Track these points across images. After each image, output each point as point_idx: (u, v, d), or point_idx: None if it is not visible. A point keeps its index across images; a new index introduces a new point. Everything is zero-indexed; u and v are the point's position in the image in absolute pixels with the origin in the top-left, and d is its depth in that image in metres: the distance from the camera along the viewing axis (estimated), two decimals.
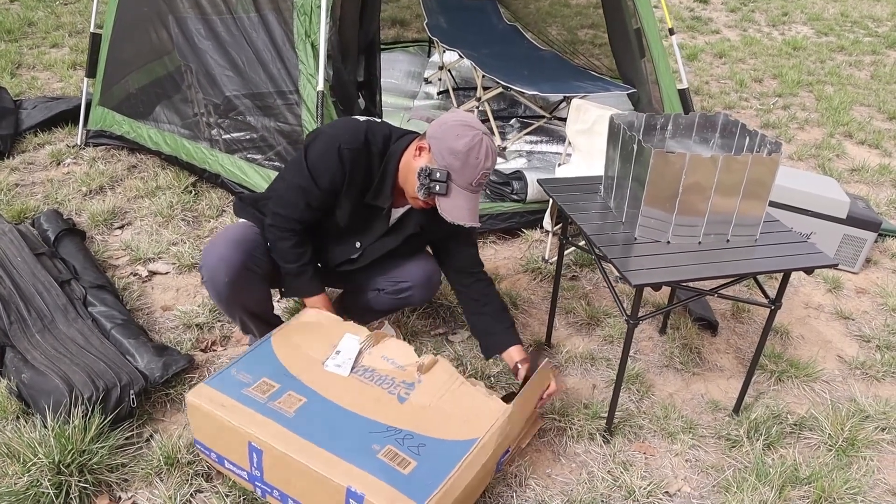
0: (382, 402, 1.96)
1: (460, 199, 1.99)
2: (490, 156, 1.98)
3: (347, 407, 1.93)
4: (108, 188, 3.68)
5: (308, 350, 2.11)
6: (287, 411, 1.89)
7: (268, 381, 1.99)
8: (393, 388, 2.01)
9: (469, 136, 1.95)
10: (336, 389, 1.98)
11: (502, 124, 4.34)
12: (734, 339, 2.85)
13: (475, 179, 1.98)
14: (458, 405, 1.99)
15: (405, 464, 1.78)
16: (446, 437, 1.88)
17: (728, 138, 2.36)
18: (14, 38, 6.11)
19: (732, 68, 6.59)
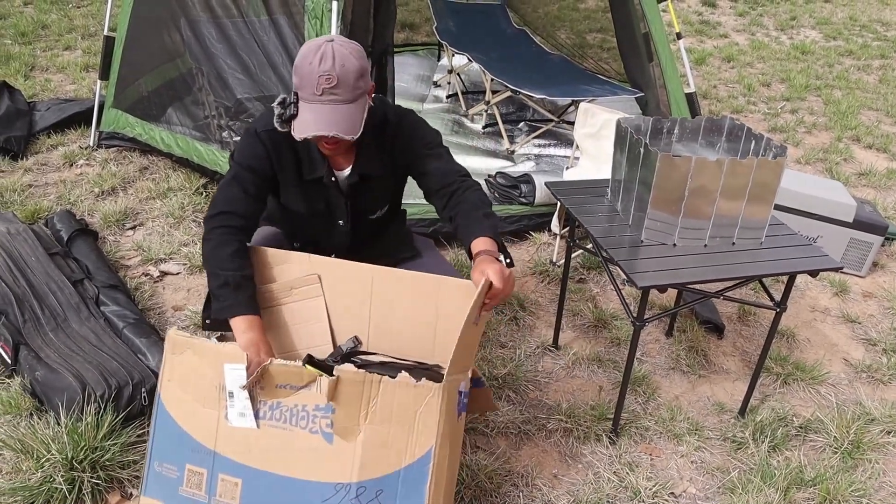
0: (315, 452, 1.70)
1: (305, 112, 1.80)
2: (328, 58, 1.76)
3: (285, 474, 1.71)
4: (120, 189, 3.72)
5: (200, 403, 1.80)
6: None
7: (192, 469, 1.78)
8: (311, 423, 1.71)
9: (306, 47, 1.80)
10: (260, 451, 1.74)
11: (511, 128, 4.37)
12: (740, 341, 2.87)
13: (315, 86, 1.76)
14: (390, 413, 1.67)
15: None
16: (399, 466, 1.66)
17: (734, 142, 2.38)
18: (28, 40, 6.18)
19: (741, 72, 6.59)
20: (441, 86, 5.07)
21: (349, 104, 1.80)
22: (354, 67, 1.78)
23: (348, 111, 1.80)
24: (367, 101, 1.86)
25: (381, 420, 1.67)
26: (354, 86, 1.79)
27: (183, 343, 1.82)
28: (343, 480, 1.66)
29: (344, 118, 1.79)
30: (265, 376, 1.74)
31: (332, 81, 1.76)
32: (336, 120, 1.78)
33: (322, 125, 1.77)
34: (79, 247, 3.02)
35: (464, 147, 4.14)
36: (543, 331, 2.82)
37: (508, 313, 2.88)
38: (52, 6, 7.32)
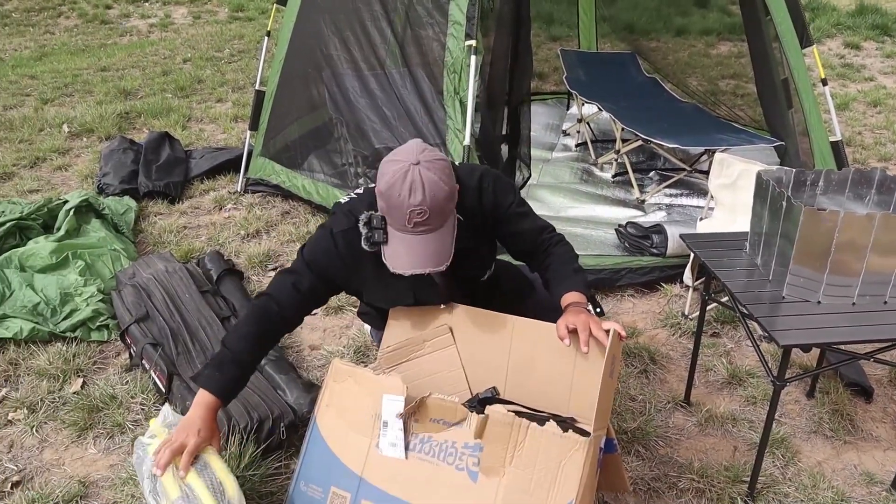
0: (458, 489, 1.73)
1: (396, 243, 1.76)
2: (417, 190, 1.68)
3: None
4: (263, 232, 3.97)
5: (354, 430, 1.89)
6: None
7: (337, 492, 1.85)
8: (458, 459, 1.76)
9: (391, 172, 1.71)
10: (405, 482, 1.79)
11: (641, 177, 4.32)
12: (892, 407, 2.67)
13: (405, 219, 1.71)
14: (535, 459, 1.70)
15: None
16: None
17: (886, 195, 2.27)
18: (185, 94, 6.74)
19: (889, 117, 6.22)
20: (570, 134, 5.10)
21: (440, 230, 1.77)
22: (444, 194, 1.73)
23: (440, 237, 1.77)
24: (455, 218, 1.82)
25: (526, 465, 1.69)
26: (445, 211, 1.75)
27: (346, 372, 1.95)
28: None
29: (437, 248, 1.76)
30: (421, 409, 1.82)
31: (424, 215, 1.71)
32: (429, 253, 1.75)
33: (417, 261, 1.75)
34: (226, 286, 3.24)
35: (593, 196, 4.13)
36: (675, 385, 2.74)
37: (639, 366, 2.83)
38: (207, 62, 7.97)
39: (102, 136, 5.52)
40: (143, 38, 10.03)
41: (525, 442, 1.71)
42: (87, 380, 2.81)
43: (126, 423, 2.56)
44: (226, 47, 8.80)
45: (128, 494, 2.24)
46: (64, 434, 2.54)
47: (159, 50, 8.83)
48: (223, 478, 1.75)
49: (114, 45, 9.53)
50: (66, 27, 10.61)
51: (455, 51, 3.03)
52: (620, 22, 6.73)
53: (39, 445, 2.50)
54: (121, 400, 2.66)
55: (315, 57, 3.79)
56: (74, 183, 4.69)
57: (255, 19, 10.82)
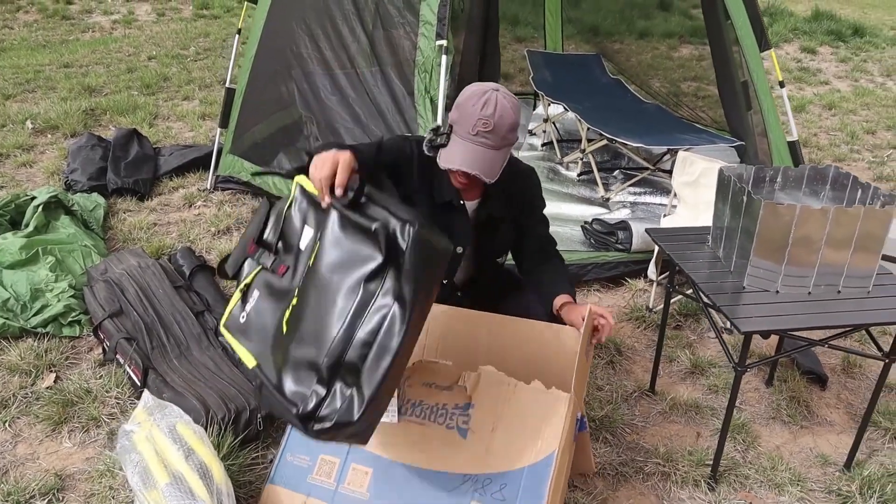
0: (448, 446, 1.86)
1: (456, 146, 1.97)
2: (490, 105, 1.92)
3: (416, 464, 1.85)
4: (234, 229, 3.98)
5: None
6: (361, 493, 1.86)
7: (326, 458, 1.94)
8: (449, 419, 1.89)
9: (472, 90, 1.98)
10: (395, 444, 1.89)
11: (606, 175, 4.43)
12: (845, 393, 2.80)
13: (472, 126, 1.93)
14: (522, 414, 1.85)
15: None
16: (524, 464, 1.80)
17: (839, 191, 2.38)
18: (152, 91, 6.69)
19: (843, 120, 6.45)
20: (536, 134, 5.19)
21: (496, 150, 1.97)
22: (510, 120, 1.96)
23: (493, 156, 1.97)
24: (509, 152, 2.05)
25: (514, 420, 1.84)
26: (505, 136, 1.97)
27: None
28: (471, 472, 1.80)
29: (488, 161, 1.96)
30: (414, 374, 1.93)
31: (488, 126, 1.93)
32: (481, 161, 1.95)
33: (468, 162, 1.94)
34: (199, 281, 3.25)
35: (559, 194, 4.22)
36: (640, 375, 2.84)
37: (605, 357, 2.92)
38: (173, 60, 7.90)
39: (68, 132, 5.46)
40: (107, 34, 9.89)
41: (512, 399, 1.86)
42: (60, 375, 2.80)
43: (101, 416, 2.57)
44: (191, 45, 8.74)
45: (105, 486, 2.26)
46: (38, 429, 2.54)
47: (123, 47, 8.73)
48: (210, 462, 1.79)
49: (76, 42, 9.38)
50: (26, 22, 10.41)
51: (426, 50, 3.09)
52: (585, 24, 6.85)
53: (13, 440, 2.50)
54: (95, 394, 2.66)
55: (285, 55, 3.82)
56: (40, 180, 4.64)
57: (221, 17, 10.74)
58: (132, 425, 1.95)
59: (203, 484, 1.74)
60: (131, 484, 1.81)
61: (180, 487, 1.74)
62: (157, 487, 1.76)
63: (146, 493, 1.77)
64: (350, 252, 1.58)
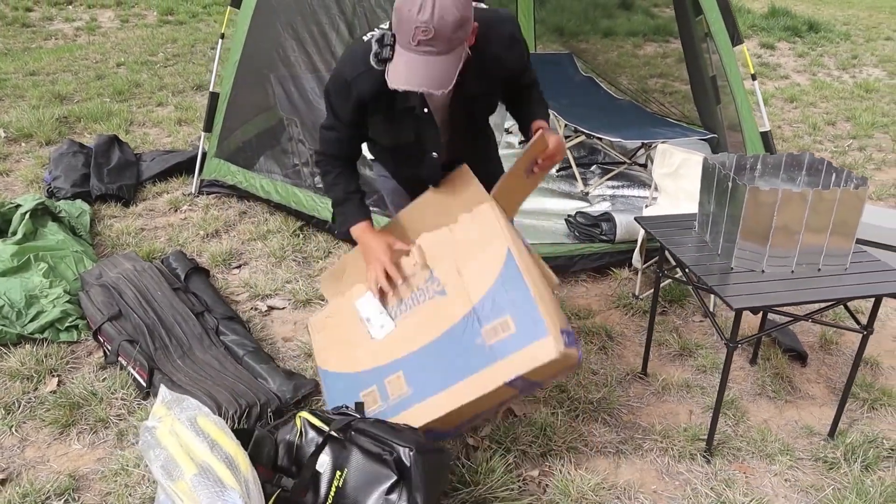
0: (439, 309, 2.06)
1: (399, 58, 1.80)
2: (427, 8, 1.73)
3: (428, 341, 2.07)
4: (222, 232, 4.02)
5: (351, 346, 2.23)
6: (405, 393, 2.08)
7: (365, 393, 2.17)
8: (427, 294, 2.11)
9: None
10: (404, 339, 2.11)
11: (584, 170, 4.55)
12: (824, 369, 2.96)
13: (411, 35, 1.75)
14: (468, 246, 2.09)
15: (506, 327, 1.94)
16: (493, 278, 2.00)
17: (814, 176, 2.52)
18: (124, 98, 6.66)
19: (804, 112, 6.68)
20: (513, 132, 5.30)
21: (444, 56, 1.79)
22: (453, 18, 1.75)
23: (442, 64, 1.79)
24: (464, 50, 1.85)
25: (466, 254, 2.07)
26: (451, 38, 1.77)
27: (320, 319, 2.37)
28: (465, 311, 2.01)
29: (437, 71, 1.79)
30: (389, 280, 2.16)
31: (428, 34, 1.74)
32: (428, 74, 1.78)
33: (413, 79, 1.79)
34: (195, 283, 3.30)
35: (540, 189, 4.33)
36: (632, 359, 2.96)
37: (597, 343, 3.03)
38: (143, 66, 7.86)
39: (42, 140, 5.42)
40: (70, 41, 9.77)
41: (453, 241, 2.12)
42: (63, 379, 2.83)
43: (109, 417, 2.61)
44: (159, 51, 8.69)
45: (121, 484, 2.31)
46: (45, 432, 2.57)
47: (89, 54, 8.65)
48: (235, 453, 1.86)
49: (39, 49, 9.25)
50: None
51: None
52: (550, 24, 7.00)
53: (20, 444, 2.53)
54: (101, 396, 2.70)
55: (271, 58, 3.87)
56: (19, 188, 4.62)
57: (186, 23, 10.68)
58: (153, 421, 2.00)
59: (231, 473, 1.80)
60: (157, 477, 1.86)
61: (209, 477, 1.79)
62: (184, 478, 1.81)
63: (173, 484, 1.82)
64: (371, 474, 1.93)
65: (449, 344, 2.03)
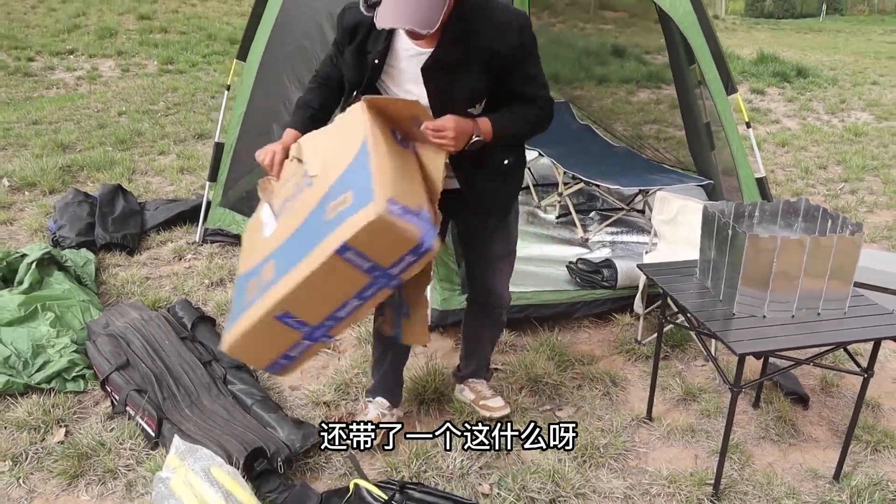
0: (304, 201, 2.11)
1: (387, 1, 1.91)
2: None
3: (293, 230, 2.08)
4: (227, 280, 4.06)
5: (250, 249, 2.29)
6: (270, 279, 2.07)
7: (250, 287, 2.16)
8: (300, 188, 2.17)
9: None
10: (280, 232, 2.15)
11: (583, 217, 4.62)
12: (826, 411, 2.99)
13: None
14: (336, 141, 2.16)
15: (345, 201, 1.93)
16: (347, 164, 2.04)
17: (811, 222, 2.59)
18: (126, 147, 6.75)
19: (796, 156, 6.82)
20: None
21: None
22: None
23: (426, 3, 1.88)
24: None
25: (332, 148, 2.13)
26: None
27: (245, 234, 2.41)
28: (322, 196, 2.01)
29: (422, 9, 1.87)
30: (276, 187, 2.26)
31: None
32: (413, 11, 1.87)
33: (400, 18, 1.88)
34: (201, 332, 3.33)
35: (540, 236, 4.40)
36: (636, 404, 2.99)
37: (602, 389, 3.07)
38: (144, 115, 7.98)
39: (46, 189, 5.49)
40: (72, 91, 9.92)
41: (325, 138, 2.22)
42: (70, 429, 2.84)
43: (118, 468, 2.61)
44: (160, 100, 8.82)
45: None
46: (52, 483, 2.57)
47: (91, 103, 8.78)
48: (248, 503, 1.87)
49: (41, 98, 9.39)
50: None
51: None
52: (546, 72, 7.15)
53: (28, 496, 2.53)
54: (109, 446, 2.70)
55: (276, 110, 3.96)
56: (23, 237, 4.67)
57: (186, 72, 10.86)
58: (167, 471, 2.02)
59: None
60: None
61: None
62: None
63: None
64: None
65: (305, 228, 2.04)
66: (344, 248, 1.86)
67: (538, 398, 3.01)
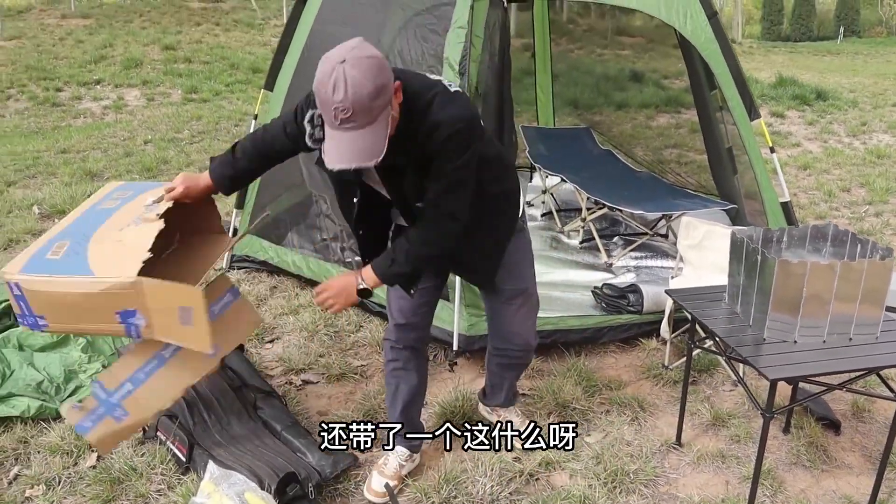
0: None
1: (329, 139, 1.84)
2: (340, 88, 1.74)
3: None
4: (255, 306, 4.10)
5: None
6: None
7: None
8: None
9: (320, 70, 1.78)
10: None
11: (606, 242, 4.63)
12: (858, 437, 2.96)
13: (332, 116, 1.78)
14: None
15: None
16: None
17: (839, 247, 2.59)
18: (153, 174, 6.87)
19: (818, 179, 6.79)
20: (534, 205, 5.42)
21: (369, 127, 1.81)
22: (368, 91, 1.76)
23: (369, 135, 1.81)
24: (389, 116, 1.86)
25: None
26: (371, 108, 1.78)
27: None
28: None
29: (366, 145, 1.81)
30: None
31: (347, 112, 1.76)
32: (356, 150, 1.81)
33: (344, 158, 1.82)
34: (231, 358, 3.35)
35: (564, 261, 4.42)
36: (665, 430, 2.98)
37: (630, 414, 3.06)
38: (169, 144, 8.12)
39: None
40: (98, 120, 10.13)
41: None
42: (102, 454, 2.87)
43: (150, 493, 2.63)
44: (185, 128, 8.98)
45: None
46: None
47: (117, 132, 8.95)
48: None
49: (68, 128, 9.60)
50: (17, 110, 10.63)
51: None
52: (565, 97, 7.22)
53: None
54: (141, 471, 2.73)
55: None
56: None
57: (210, 101, 11.05)
58: (202, 497, 2.04)
59: None
60: None
61: None
62: None
63: None
64: None
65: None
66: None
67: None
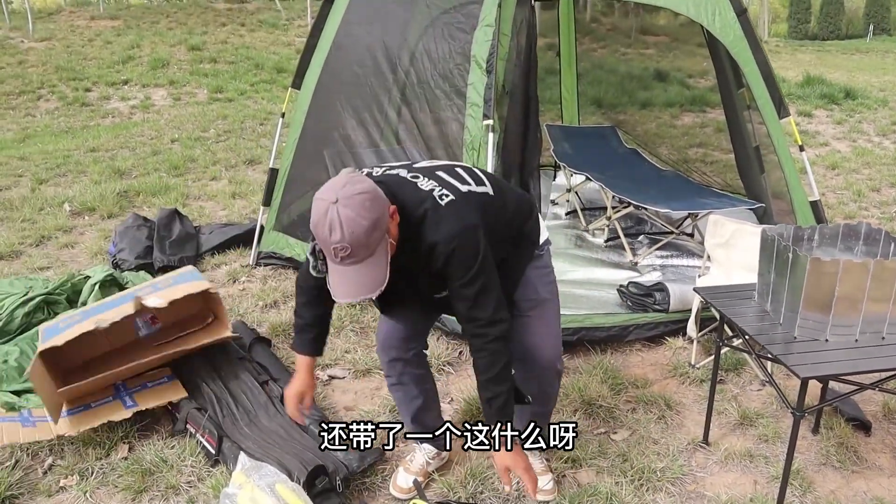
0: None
1: (332, 274, 1.90)
2: (336, 229, 1.79)
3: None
4: (280, 303, 4.14)
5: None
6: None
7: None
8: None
9: (315, 211, 1.84)
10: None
11: (631, 241, 4.61)
12: (889, 438, 2.92)
13: (331, 254, 1.84)
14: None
15: None
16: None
17: (872, 245, 2.56)
18: (180, 172, 6.96)
19: (847, 179, 6.71)
20: (559, 203, 5.41)
21: (369, 259, 1.86)
22: (363, 229, 1.81)
23: (370, 267, 1.87)
24: (387, 244, 1.92)
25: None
26: (369, 242, 1.84)
27: None
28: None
29: (368, 277, 1.87)
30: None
31: (346, 251, 1.82)
32: (360, 283, 1.88)
33: (348, 292, 1.89)
34: (258, 352, 3.40)
35: (589, 259, 4.41)
36: (692, 428, 2.96)
37: (656, 412, 3.05)
38: (196, 142, 8.21)
39: (105, 214, 5.68)
40: (126, 119, 10.27)
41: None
42: (133, 446, 2.91)
43: (180, 484, 2.67)
44: (210, 127, 9.08)
45: None
46: (118, 498, 2.64)
47: (145, 131, 9.07)
48: None
49: (97, 127, 9.74)
50: (47, 110, 10.81)
51: (473, 130, 3.32)
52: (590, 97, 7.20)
53: None
54: (171, 463, 2.77)
55: (330, 135, 4.06)
56: (84, 260, 4.83)
57: (235, 100, 11.16)
58: (234, 488, 2.07)
59: None
60: None
61: None
62: None
63: None
64: None
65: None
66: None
67: (592, 421, 3.01)
